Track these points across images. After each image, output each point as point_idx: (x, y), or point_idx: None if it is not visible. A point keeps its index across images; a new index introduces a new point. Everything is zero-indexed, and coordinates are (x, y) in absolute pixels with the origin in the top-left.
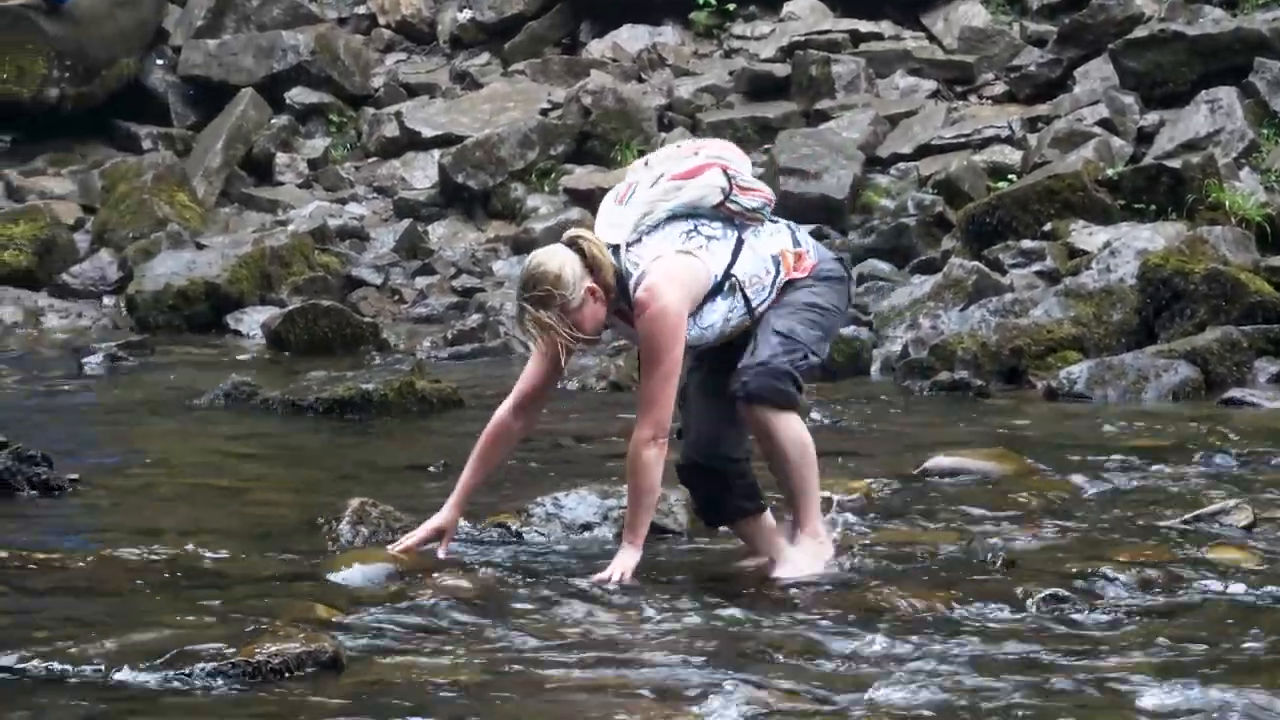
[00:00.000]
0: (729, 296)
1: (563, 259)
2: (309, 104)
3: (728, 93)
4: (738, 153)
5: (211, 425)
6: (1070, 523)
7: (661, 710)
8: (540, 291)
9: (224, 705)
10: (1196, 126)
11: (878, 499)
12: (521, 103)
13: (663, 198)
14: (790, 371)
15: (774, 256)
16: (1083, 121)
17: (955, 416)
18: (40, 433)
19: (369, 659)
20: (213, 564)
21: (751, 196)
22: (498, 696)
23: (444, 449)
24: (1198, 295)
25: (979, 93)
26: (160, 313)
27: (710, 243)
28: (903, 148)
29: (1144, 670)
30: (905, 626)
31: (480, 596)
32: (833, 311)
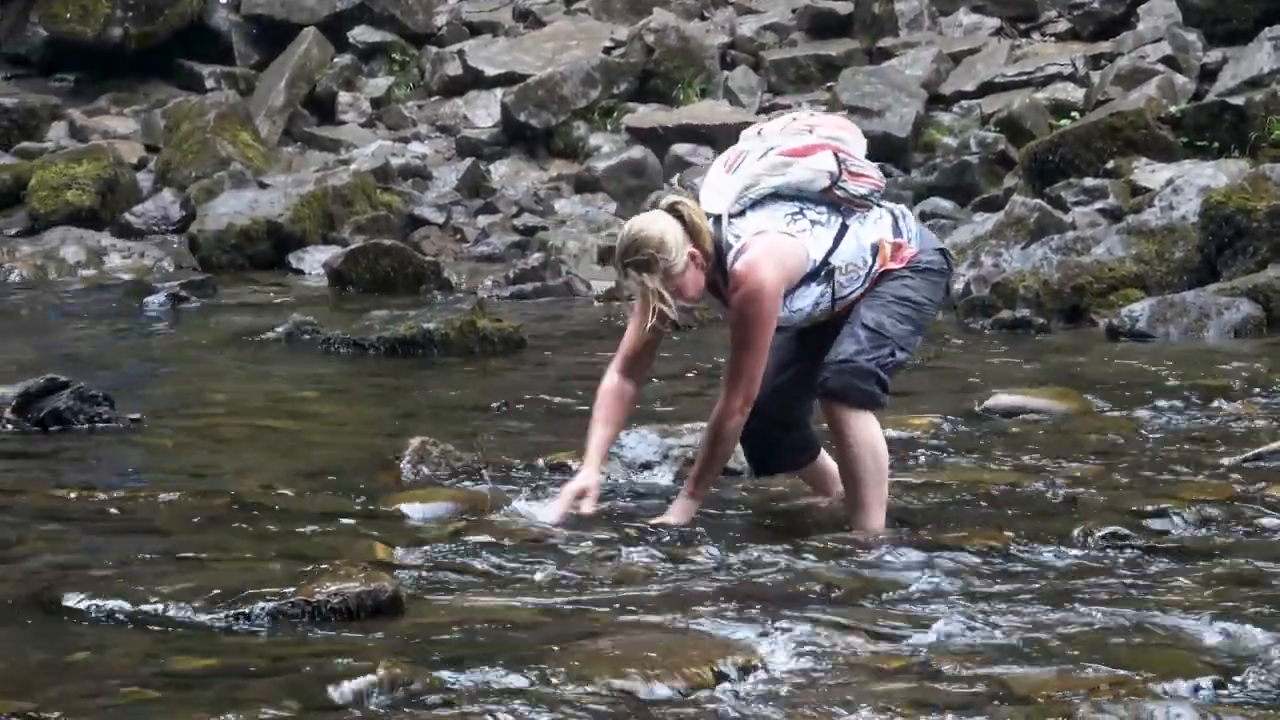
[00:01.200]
0: (823, 283)
1: (664, 225)
2: (372, 43)
3: (790, 30)
4: (854, 133)
5: (273, 365)
6: (1131, 460)
7: (718, 649)
8: (644, 255)
9: (284, 645)
10: (1260, 63)
11: (940, 436)
12: (584, 41)
13: (769, 172)
14: (875, 371)
15: (873, 245)
16: (1145, 59)
17: (1017, 355)
18: (102, 372)
19: (428, 599)
20: (273, 503)
21: (860, 183)
22: (555, 637)
23: (505, 388)
24: (1260, 232)
25: (1042, 30)
26: (223, 252)
27: (814, 228)
28: (965, 85)
29: (1203, 609)
30: (965, 565)
31: (538, 537)
32: (926, 305)
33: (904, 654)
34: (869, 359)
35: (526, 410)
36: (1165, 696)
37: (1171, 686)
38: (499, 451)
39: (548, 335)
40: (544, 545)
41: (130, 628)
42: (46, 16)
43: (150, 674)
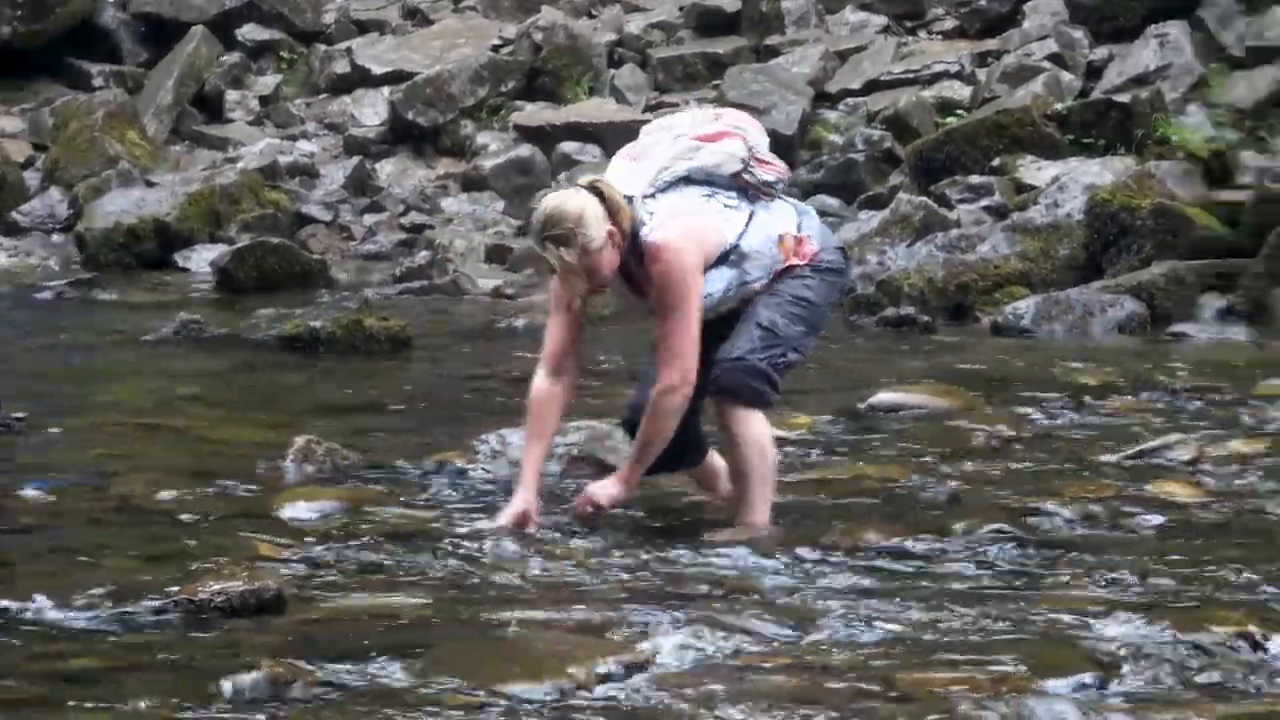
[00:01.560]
0: (735, 267)
1: (584, 200)
2: (260, 41)
3: (678, 28)
4: (756, 126)
5: (160, 363)
6: (1014, 458)
7: (605, 648)
8: (562, 230)
9: (168, 643)
10: (1145, 61)
11: (821, 435)
12: (472, 39)
13: (682, 155)
14: (766, 370)
15: (777, 236)
16: (1032, 56)
17: (901, 352)
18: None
19: (313, 596)
20: (158, 502)
21: (767, 170)
22: (440, 634)
23: (390, 387)
24: (1144, 230)
25: (929, 28)
26: (110, 251)
27: (726, 210)
28: (852, 83)
29: (1085, 605)
30: (849, 562)
31: (425, 534)
32: (822, 306)
33: (788, 651)
34: (761, 358)
35: (413, 408)
36: (1047, 693)
37: (1053, 683)
38: (385, 450)
39: (434, 334)
40: (430, 543)
41: (13, 626)
42: None
43: (34, 672)
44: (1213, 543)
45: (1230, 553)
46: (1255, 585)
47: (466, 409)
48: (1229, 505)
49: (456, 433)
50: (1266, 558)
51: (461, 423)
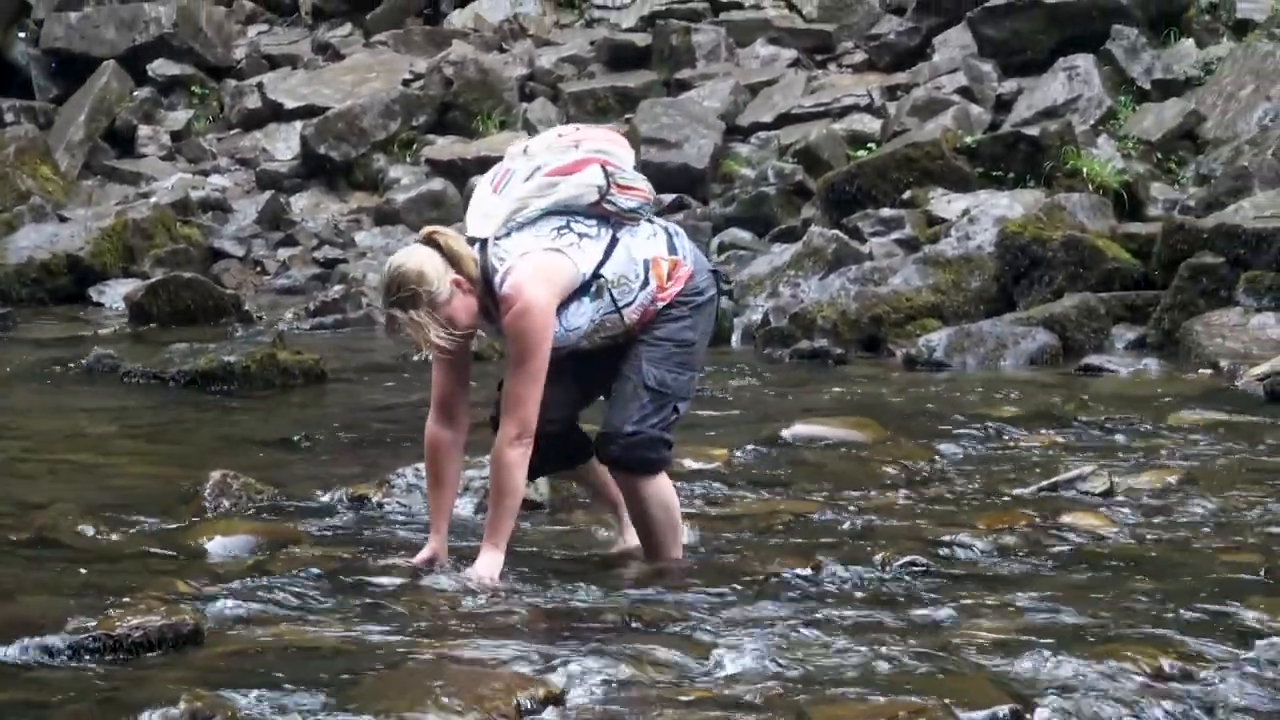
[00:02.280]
0: (597, 298)
1: (421, 256)
2: (171, 76)
3: (589, 63)
4: (622, 145)
5: (74, 398)
6: (929, 489)
7: (520, 681)
8: (405, 293)
9: (85, 679)
10: (1054, 94)
11: (738, 466)
12: (383, 73)
13: (536, 194)
14: (660, 438)
15: (645, 261)
16: (941, 90)
17: (816, 384)
18: None
19: (231, 630)
20: (73, 537)
21: (630, 196)
22: (355, 668)
23: (306, 421)
24: (1056, 262)
25: (839, 61)
26: (23, 286)
27: (582, 240)
28: (763, 116)
29: (1002, 636)
30: (764, 593)
31: (341, 569)
32: (700, 342)
33: (703, 684)
34: (653, 424)
35: (327, 442)
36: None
37: (970, 715)
38: (301, 484)
39: (348, 367)
40: (346, 578)
41: None
42: None
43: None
44: (1126, 575)
45: (1143, 584)
46: (1167, 617)
47: (381, 442)
48: (1142, 536)
49: (372, 466)
50: (1178, 590)
51: (377, 456)
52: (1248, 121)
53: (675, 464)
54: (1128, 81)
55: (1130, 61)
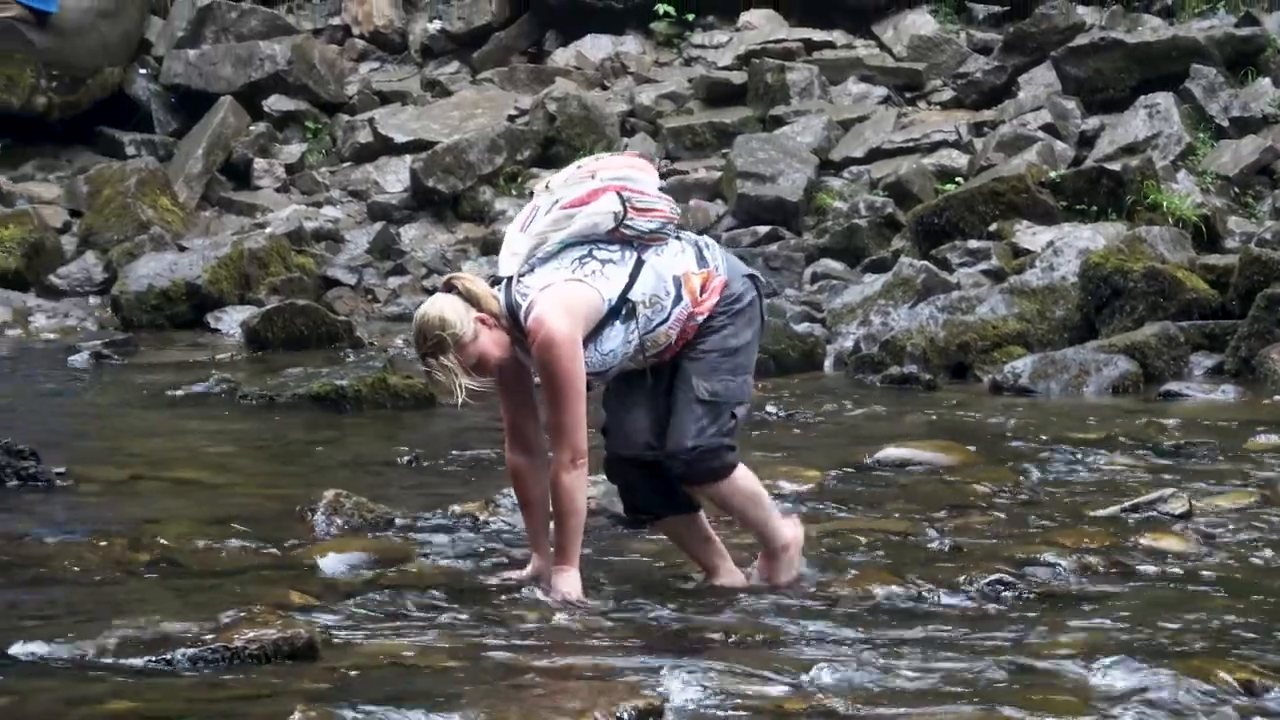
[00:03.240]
0: (628, 320)
1: (441, 303)
2: (286, 111)
3: (687, 99)
4: (642, 169)
5: (192, 420)
6: (1014, 510)
7: (622, 693)
8: (432, 340)
9: (204, 689)
10: (1135, 130)
11: (830, 488)
12: (489, 109)
13: (553, 227)
14: (721, 445)
15: (676, 277)
16: (1026, 126)
17: (905, 409)
18: (28, 428)
19: (343, 644)
20: (194, 554)
21: (650, 218)
22: (464, 681)
23: (415, 442)
24: (1137, 292)
25: (927, 99)
26: (144, 312)
27: (605, 267)
28: (855, 151)
29: (1082, 653)
30: (857, 611)
31: (449, 585)
32: (748, 346)
33: (799, 697)
34: (711, 435)
35: (436, 463)
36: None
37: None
38: (410, 503)
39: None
40: (454, 594)
41: (56, 672)
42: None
43: (74, 717)
44: (1205, 593)
45: (1222, 602)
46: (1247, 635)
47: (487, 463)
48: (1220, 557)
49: (478, 486)
50: (1256, 608)
51: (483, 476)
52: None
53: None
54: (1206, 119)
55: (1208, 100)
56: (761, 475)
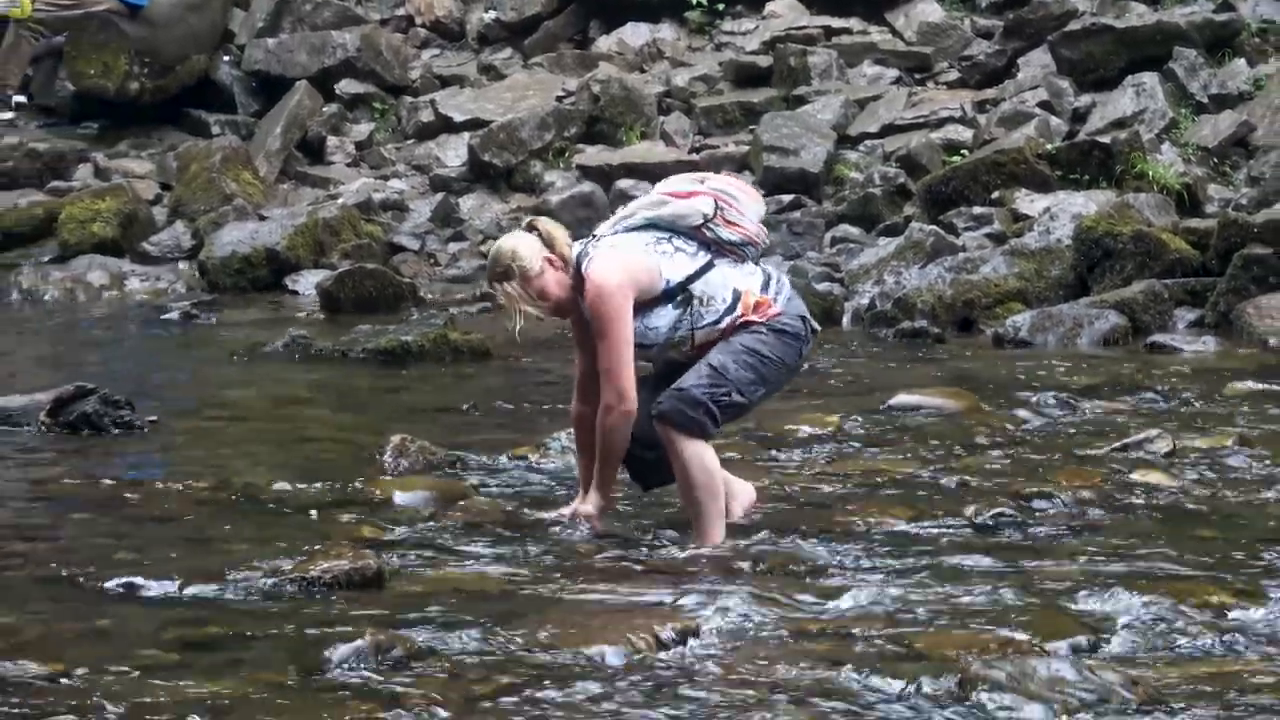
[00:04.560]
0: (680, 307)
1: (518, 238)
2: (355, 94)
3: (718, 81)
4: (750, 194)
5: (272, 373)
6: (1015, 450)
7: (661, 618)
8: (501, 267)
9: (283, 615)
10: (1123, 107)
11: (848, 431)
12: (539, 91)
13: (647, 206)
14: (705, 402)
15: (736, 290)
16: (1025, 104)
17: (915, 360)
18: (124, 380)
19: (408, 574)
20: (273, 493)
21: (733, 231)
22: (518, 607)
23: (473, 392)
24: (1125, 253)
25: (935, 79)
26: (228, 276)
27: (676, 253)
28: (869, 127)
29: (1078, 578)
30: (874, 541)
31: (505, 520)
32: (775, 362)
33: (822, 619)
34: (703, 391)
35: (492, 410)
36: (1047, 654)
37: (1052, 645)
38: (469, 447)
39: (511, 346)
40: (509, 527)
41: (150, 601)
42: (73, 73)
43: (166, 640)
44: (1188, 524)
45: (1203, 532)
46: (1224, 561)
47: (539, 410)
48: (1200, 492)
49: (530, 431)
50: (1233, 537)
51: (535, 422)
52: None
53: (794, 430)
54: (1187, 96)
55: (1189, 78)
56: (785, 419)
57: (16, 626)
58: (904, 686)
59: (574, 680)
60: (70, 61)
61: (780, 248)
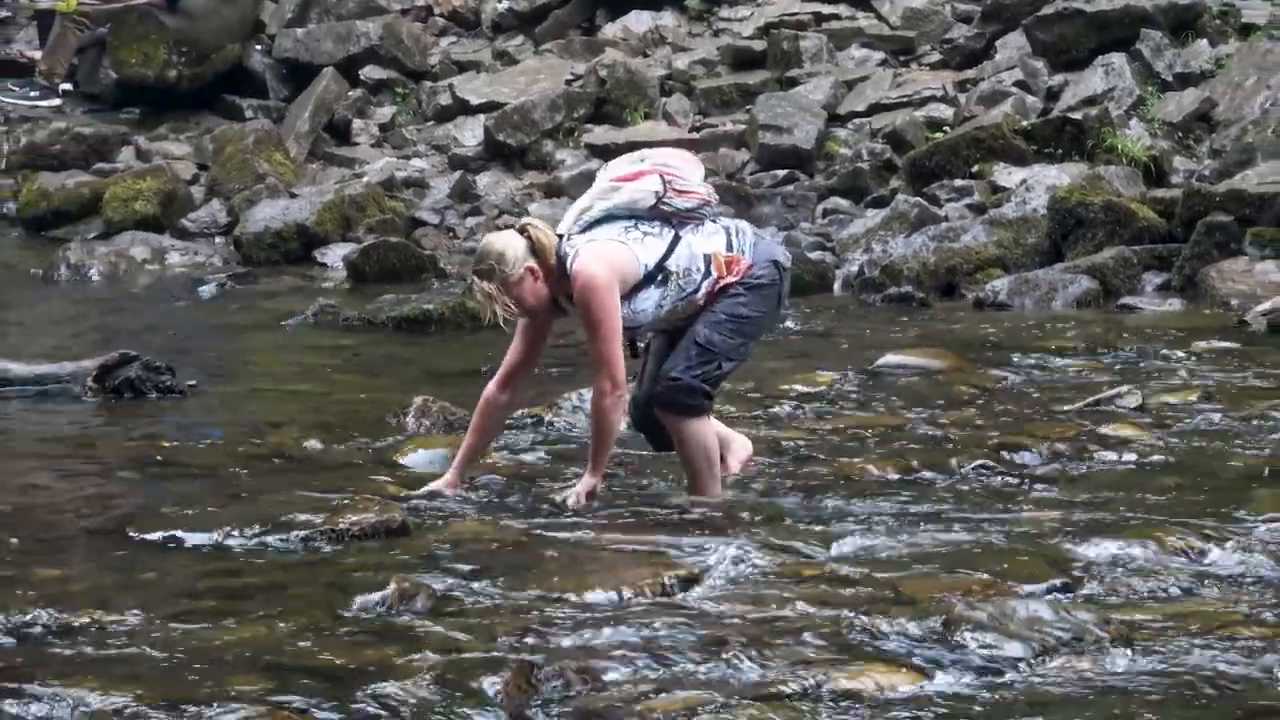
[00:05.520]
0: (661, 286)
1: (508, 240)
2: (379, 79)
3: (716, 64)
4: (689, 161)
5: (302, 339)
6: (995, 406)
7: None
8: (485, 266)
9: (315, 564)
10: (1094, 85)
11: (839, 389)
12: (549, 76)
13: (601, 196)
14: (698, 386)
15: (707, 256)
16: (1002, 83)
17: (902, 323)
18: (165, 347)
19: (431, 526)
20: (303, 451)
21: (687, 199)
22: (533, 556)
23: (490, 357)
24: (1096, 221)
25: (918, 61)
26: (261, 249)
27: (646, 238)
28: (857, 106)
29: (1054, 525)
30: (863, 492)
31: (519, 476)
32: (757, 318)
33: (815, 565)
34: (694, 375)
35: None
36: (1024, 595)
37: (1029, 587)
38: None
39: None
40: (524, 482)
41: (190, 552)
42: (116, 62)
43: (205, 588)
44: (1156, 473)
45: (1170, 480)
46: (1193, 507)
47: (550, 372)
48: (1168, 443)
49: (543, 391)
50: (1198, 484)
51: (547, 383)
52: (1251, 106)
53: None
54: (1154, 75)
55: (1155, 59)
56: (781, 379)
57: (65, 577)
58: (893, 626)
59: (585, 623)
60: (113, 51)
61: (775, 219)
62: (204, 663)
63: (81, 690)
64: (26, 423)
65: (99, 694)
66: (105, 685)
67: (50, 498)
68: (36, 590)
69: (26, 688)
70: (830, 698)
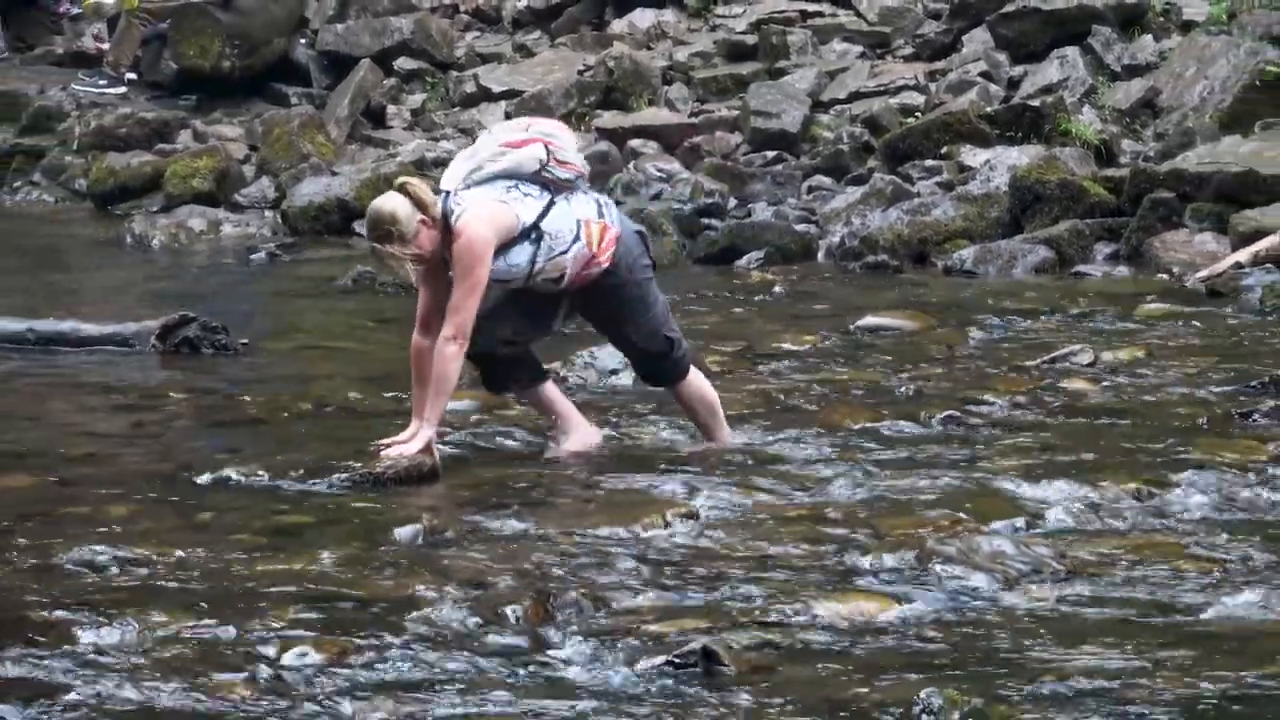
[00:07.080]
0: (535, 244)
1: (395, 202)
2: (410, 70)
3: (713, 56)
4: (566, 134)
5: (343, 303)
6: (962, 363)
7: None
8: (382, 230)
9: (353, 505)
10: (1051, 76)
11: (822, 348)
12: (563, 66)
13: (490, 159)
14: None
15: (578, 220)
16: (968, 74)
17: (879, 288)
18: (220, 309)
19: (458, 470)
20: (344, 403)
21: (565, 169)
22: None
23: None
24: (1053, 198)
25: (893, 54)
26: (305, 221)
27: (525, 199)
28: (839, 94)
29: (1016, 469)
30: (844, 440)
31: (536, 425)
32: (657, 295)
33: (800, 506)
34: (661, 340)
35: None
36: (989, 532)
37: (994, 525)
38: None
39: None
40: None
41: (243, 494)
42: (176, 54)
43: (258, 527)
44: (1107, 423)
45: (1120, 430)
46: (1140, 453)
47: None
48: (1118, 395)
49: (559, 348)
50: (1147, 434)
51: (562, 342)
52: (1191, 94)
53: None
54: (1104, 66)
55: (1106, 52)
56: (771, 339)
57: (128, 515)
58: (872, 560)
59: (596, 555)
60: (173, 44)
61: (766, 195)
62: (255, 591)
63: (146, 615)
64: (98, 376)
65: (162, 619)
66: (168, 611)
67: (119, 444)
68: (106, 527)
69: (98, 614)
70: (816, 623)
